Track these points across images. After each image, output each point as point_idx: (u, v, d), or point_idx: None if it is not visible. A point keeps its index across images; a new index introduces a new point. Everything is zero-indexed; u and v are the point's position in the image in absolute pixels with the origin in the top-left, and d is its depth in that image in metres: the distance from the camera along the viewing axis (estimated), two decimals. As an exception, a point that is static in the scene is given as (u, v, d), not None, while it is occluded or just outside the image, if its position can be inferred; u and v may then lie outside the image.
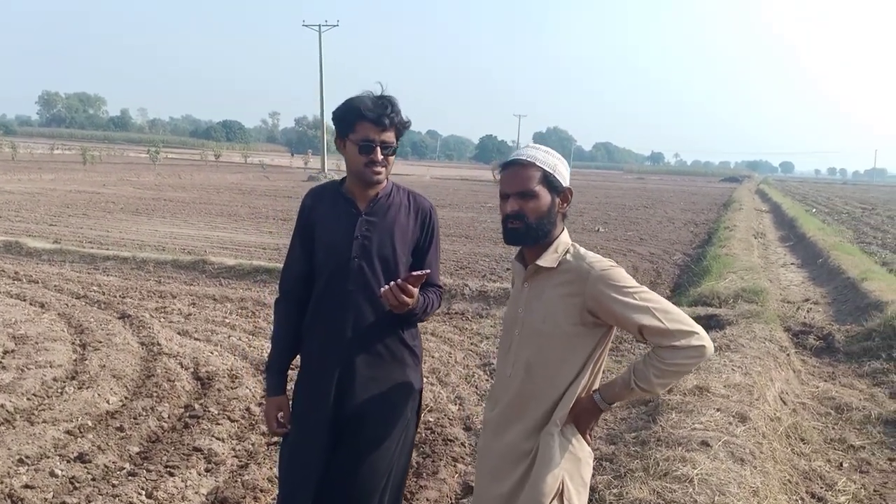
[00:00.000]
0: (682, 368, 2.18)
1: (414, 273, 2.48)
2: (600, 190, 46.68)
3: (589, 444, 2.33)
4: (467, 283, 9.51)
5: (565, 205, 2.34)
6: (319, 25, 49.07)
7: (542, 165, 2.27)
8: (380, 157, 2.56)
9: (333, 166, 46.91)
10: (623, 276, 2.22)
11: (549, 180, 2.27)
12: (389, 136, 2.57)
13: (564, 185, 2.31)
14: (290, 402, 2.77)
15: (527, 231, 2.27)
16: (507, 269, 11.47)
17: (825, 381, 6.66)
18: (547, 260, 2.30)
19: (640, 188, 55.38)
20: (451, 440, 4.84)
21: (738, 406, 4.83)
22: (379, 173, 2.58)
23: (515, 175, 2.28)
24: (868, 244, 18.50)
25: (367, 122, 2.53)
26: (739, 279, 10.00)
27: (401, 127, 2.60)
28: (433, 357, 6.63)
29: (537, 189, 2.26)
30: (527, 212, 2.25)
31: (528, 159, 2.28)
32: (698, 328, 2.17)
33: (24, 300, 8.19)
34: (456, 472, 4.41)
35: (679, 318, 2.17)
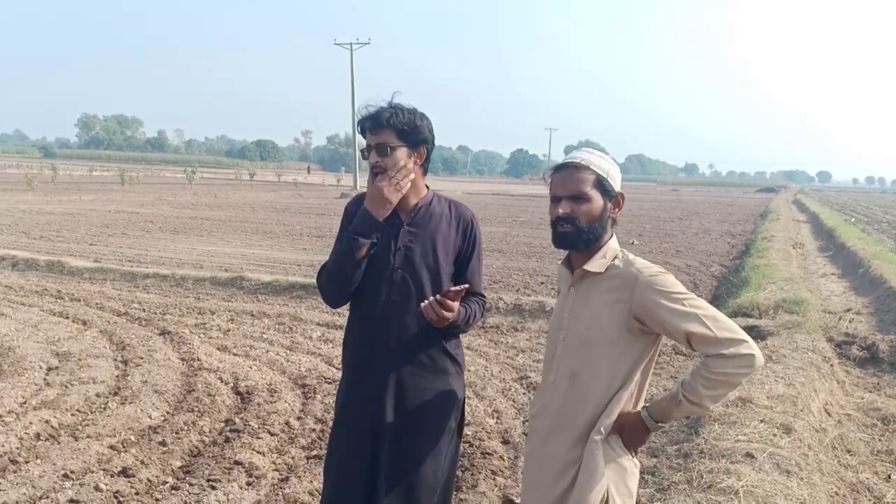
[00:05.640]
0: (731, 378, 2.10)
1: (453, 288, 2.46)
2: (634, 202, 46.30)
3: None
4: (501, 296, 9.49)
5: (616, 210, 2.31)
6: (351, 44, 49.61)
7: (596, 169, 2.24)
8: (374, 159, 2.51)
9: (366, 183, 47.19)
10: (672, 282, 2.19)
11: (602, 184, 2.24)
12: (384, 137, 2.50)
13: (617, 189, 2.29)
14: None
15: (578, 234, 2.23)
16: (541, 283, 11.42)
17: (870, 391, 6.53)
18: (595, 265, 2.26)
19: (675, 200, 54.89)
20: (489, 453, 4.82)
21: (783, 417, 4.75)
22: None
23: (569, 178, 2.25)
24: (910, 253, 18.11)
25: (365, 129, 2.54)
26: (779, 290, 9.84)
27: (401, 125, 2.49)
28: (469, 371, 6.60)
29: (590, 192, 2.22)
30: (579, 215, 2.22)
31: (583, 162, 2.25)
32: (747, 338, 2.12)
33: (67, 318, 8.34)
34: (495, 486, 4.38)
35: (728, 326, 2.12)
